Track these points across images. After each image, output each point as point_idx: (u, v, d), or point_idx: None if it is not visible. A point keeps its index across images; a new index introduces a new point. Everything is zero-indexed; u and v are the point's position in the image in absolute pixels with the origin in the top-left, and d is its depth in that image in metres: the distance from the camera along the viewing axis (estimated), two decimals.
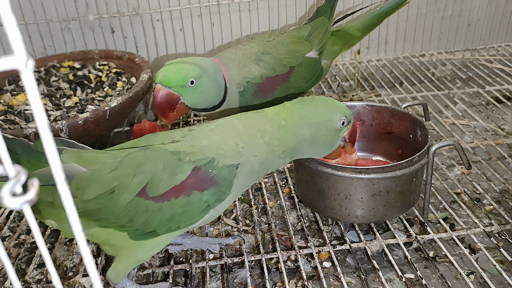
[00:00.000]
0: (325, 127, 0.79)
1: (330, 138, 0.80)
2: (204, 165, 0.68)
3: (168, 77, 0.96)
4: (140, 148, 0.71)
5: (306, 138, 0.77)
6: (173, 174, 0.67)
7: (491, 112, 1.36)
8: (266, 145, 0.74)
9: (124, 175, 0.67)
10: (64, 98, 1.27)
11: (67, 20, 1.47)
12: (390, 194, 0.86)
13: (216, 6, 1.51)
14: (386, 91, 1.50)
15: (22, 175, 0.32)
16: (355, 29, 1.27)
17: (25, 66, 0.29)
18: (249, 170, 0.73)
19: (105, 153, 0.72)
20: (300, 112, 0.79)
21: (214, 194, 0.69)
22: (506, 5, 1.66)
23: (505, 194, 1.02)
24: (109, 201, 0.67)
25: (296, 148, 0.78)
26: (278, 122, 0.77)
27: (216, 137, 0.73)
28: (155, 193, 0.67)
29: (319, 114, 0.79)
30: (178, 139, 0.73)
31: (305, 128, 0.77)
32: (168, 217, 0.68)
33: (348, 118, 0.82)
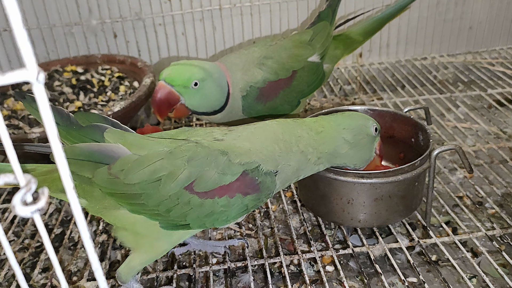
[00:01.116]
0: (362, 131, 0.83)
1: (368, 143, 0.84)
2: (252, 170, 0.70)
3: (172, 76, 0.96)
4: (187, 141, 0.71)
5: (347, 140, 0.81)
6: (223, 174, 0.69)
7: (493, 115, 1.36)
8: (300, 152, 0.76)
9: (175, 166, 0.67)
10: (67, 103, 1.27)
11: (70, 25, 1.47)
12: (392, 198, 0.86)
13: (218, 10, 1.52)
14: (388, 94, 1.51)
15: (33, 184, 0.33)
16: (357, 33, 1.28)
17: (36, 79, 0.30)
18: (284, 177, 0.76)
19: (152, 140, 0.71)
20: (337, 119, 0.83)
21: (254, 200, 0.71)
22: (508, 7, 1.66)
23: (507, 198, 1.02)
24: (153, 188, 0.67)
25: (335, 152, 0.80)
26: (316, 129, 0.80)
27: (257, 140, 0.75)
28: (202, 189, 0.68)
29: (355, 120, 0.84)
30: (221, 138, 0.74)
31: (344, 132, 0.81)
32: (207, 213, 0.69)
33: (378, 127, 0.86)
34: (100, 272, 0.36)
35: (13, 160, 0.32)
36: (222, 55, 1.59)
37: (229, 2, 1.51)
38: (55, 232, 1.02)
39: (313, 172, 0.82)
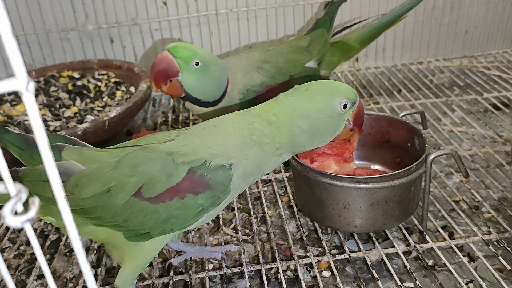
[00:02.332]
0: (324, 115, 0.74)
1: (332, 124, 0.75)
2: (198, 167, 0.68)
3: (177, 47, 0.97)
4: (139, 147, 0.71)
5: (304, 129, 0.73)
6: (169, 176, 0.67)
7: (489, 119, 1.36)
8: (256, 145, 0.72)
9: (122, 175, 0.67)
10: (63, 108, 1.27)
11: (66, 30, 1.47)
12: (388, 203, 0.86)
13: (214, 15, 1.52)
14: (385, 98, 1.51)
15: (23, 193, 0.33)
16: (354, 41, 1.29)
17: (26, 89, 0.30)
18: (243, 173, 0.72)
19: (105, 152, 0.72)
20: (292, 104, 0.74)
21: (208, 198, 0.69)
22: (503, 12, 1.67)
23: (503, 202, 1.02)
24: (106, 200, 0.68)
25: (294, 142, 0.74)
26: (268, 119, 0.74)
27: (207, 136, 0.73)
28: (151, 194, 0.67)
29: (316, 102, 0.74)
30: (173, 138, 0.73)
31: (300, 119, 0.73)
32: (163, 219, 0.68)
33: (351, 100, 0.76)
34: (92, 282, 0.36)
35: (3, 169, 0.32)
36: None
37: (225, 7, 1.52)
38: (51, 238, 1.02)
39: (278, 164, 0.77)
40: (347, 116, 0.77)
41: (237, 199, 1.13)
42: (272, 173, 1.17)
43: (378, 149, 1.08)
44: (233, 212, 1.08)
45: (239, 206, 1.10)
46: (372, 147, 1.08)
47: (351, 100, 0.76)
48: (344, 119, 0.77)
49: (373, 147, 1.08)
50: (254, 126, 0.73)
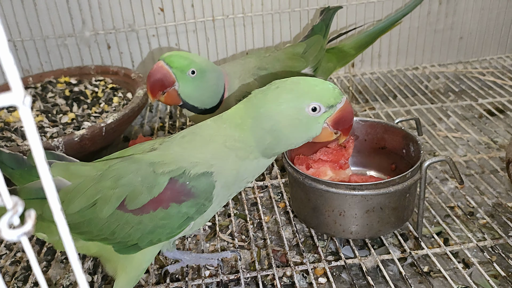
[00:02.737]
0: (289, 116, 0.69)
1: (300, 126, 0.70)
2: (179, 175, 0.68)
3: (172, 57, 0.97)
4: (121, 159, 0.72)
5: (267, 131, 0.69)
6: (150, 187, 0.67)
7: (484, 124, 1.37)
8: (231, 151, 0.70)
9: (106, 188, 0.68)
10: (60, 114, 1.27)
11: (63, 36, 1.48)
12: (384, 210, 0.87)
13: (211, 21, 1.53)
14: (380, 104, 1.52)
15: (20, 206, 0.33)
16: (349, 47, 1.30)
17: (22, 103, 0.30)
18: (225, 182, 0.71)
19: (89, 166, 0.73)
20: (258, 103, 0.70)
21: (192, 206, 0.69)
22: (497, 18, 1.68)
23: (498, 208, 1.03)
24: (91, 214, 0.68)
25: (260, 144, 0.70)
26: (234, 122, 0.71)
27: (187, 144, 0.72)
28: (134, 206, 0.67)
29: (280, 101, 0.69)
30: (157, 147, 0.73)
31: (263, 120, 0.69)
32: (149, 229, 0.69)
33: (326, 103, 0.70)
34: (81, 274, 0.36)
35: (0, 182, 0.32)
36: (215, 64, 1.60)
37: (222, 13, 1.52)
38: (47, 245, 1.02)
39: (260, 170, 0.74)
40: (323, 119, 0.71)
41: (233, 205, 1.13)
42: (269, 179, 1.18)
43: (374, 156, 1.08)
44: (229, 218, 1.08)
45: (236, 212, 1.10)
46: (367, 153, 1.09)
47: (325, 103, 0.70)
48: (319, 122, 0.71)
49: (368, 153, 1.09)
50: (226, 132, 0.71)
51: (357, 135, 1.08)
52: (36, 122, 1.22)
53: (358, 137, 1.08)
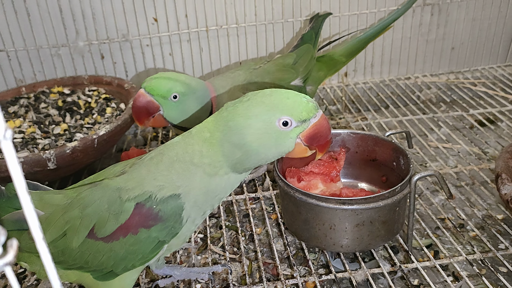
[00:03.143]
0: (257, 130, 0.66)
1: (270, 141, 0.67)
2: (146, 200, 0.67)
3: (153, 85, 0.98)
4: (89, 186, 0.71)
5: (236, 145, 0.67)
6: (117, 213, 0.66)
7: (475, 135, 1.38)
8: (199, 168, 0.68)
9: (73, 218, 0.68)
10: (53, 125, 1.27)
11: (57, 46, 1.48)
12: (374, 223, 0.87)
13: (204, 31, 1.54)
14: (373, 115, 1.53)
15: (2, 236, 0.33)
16: (339, 54, 1.30)
17: (3, 137, 0.31)
18: (194, 202, 0.69)
19: (61, 194, 0.73)
20: (228, 116, 0.68)
21: (162, 229, 0.67)
22: (489, 28, 1.70)
23: (487, 220, 1.04)
24: (63, 244, 0.68)
25: (229, 159, 0.68)
26: (203, 136, 0.69)
27: (153, 166, 0.70)
28: (103, 233, 0.67)
29: (249, 115, 0.67)
30: (126, 170, 0.72)
31: (232, 134, 0.67)
32: (121, 256, 0.68)
33: (297, 117, 0.67)
34: None
35: None
36: (208, 76, 1.61)
37: (215, 24, 1.53)
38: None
39: (233, 186, 0.72)
40: (295, 134, 0.68)
41: (225, 217, 1.13)
42: (261, 190, 1.18)
43: (365, 167, 1.09)
44: (221, 230, 1.08)
45: (227, 224, 1.10)
46: (358, 165, 1.10)
47: (297, 117, 0.67)
48: (291, 137, 0.68)
49: (359, 165, 1.09)
50: (193, 148, 0.69)
51: (348, 147, 1.08)
52: (28, 133, 1.22)
53: (349, 149, 1.09)
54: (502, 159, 0.97)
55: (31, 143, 1.17)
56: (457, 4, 1.63)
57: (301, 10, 1.55)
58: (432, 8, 1.62)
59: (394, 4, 1.59)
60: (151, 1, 1.47)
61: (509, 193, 0.86)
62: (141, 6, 1.47)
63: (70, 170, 1.18)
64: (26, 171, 1.06)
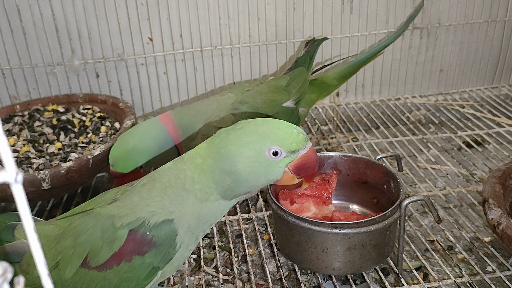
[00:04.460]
0: (248, 158, 0.68)
1: (259, 170, 0.69)
2: (139, 227, 0.67)
3: (119, 168, 1.05)
4: (81, 215, 0.72)
5: (226, 172, 0.68)
6: (110, 241, 0.67)
7: (463, 157, 1.42)
8: (191, 194, 0.70)
9: (66, 248, 0.68)
10: (47, 144, 1.28)
11: (52, 65, 1.49)
12: (365, 247, 0.89)
13: (199, 51, 1.56)
14: (364, 135, 1.56)
15: (9, 273, 0.34)
16: (332, 78, 1.33)
17: (15, 180, 0.32)
18: (187, 228, 0.71)
19: (52, 225, 0.73)
20: (220, 143, 0.70)
21: (156, 255, 0.68)
22: (476, 51, 1.75)
23: (475, 243, 1.06)
24: (56, 275, 0.68)
25: (220, 186, 0.69)
26: (195, 162, 0.70)
27: (146, 193, 0.71)
28: (97, 262, 0.67)
29: (240, 143, 0.69)
30: (118, 197, 0.73)
31: (223, 161, 0.68)
32: (115, 284, 0.68)
33: (287, 148, 0.69)
34: None
35: None
36: (203, 97, 1.63)
37: (210, 44, 1.56)
38: None
39: (223, 211, 0.73)
40: (284, 163, 0.71)
41: (218, 237, 1.14)
42: (254, 211, 1.19)
43: (356, 189, 1.11)
44: (214, 251, 1.09)
45: (221, 245, 1.11)
46: (350, 187, 1.12)
47: (287, 148, 0.69)
48: (279, 166, 0.70)
49: (351, 187, 1.12)
50: (186, 174, 0.70)
51: (340, 170, 1.11)
52: (23, 152, 1.22)
53: (341, 172, 1.11)
54: (489, 184, 0.99)
55: (25, 163, 1.18)
56: (445, 28, 1.67)
57: (294, 32, 1.59)
58: (421, 32, 1.67)
59: (385, 28, 1.63)
60: (146, 21, 1.50)
61: (496, 218, 0.89)
62: (136, 26, 1.50)
63: (64, 190, 1.19)
64: None
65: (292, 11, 1.56)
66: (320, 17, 1.58)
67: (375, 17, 1.61)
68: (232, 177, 0.69)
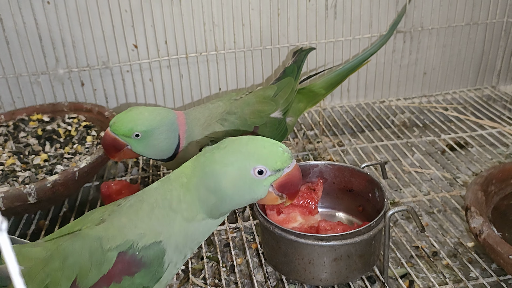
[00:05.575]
0: (233, 178, 0.68)
1: (244, 188, 0.70)
2: (128, 248, 0.68)
3: (116, 125, 1.02)
4: (69, 237, 0.72)
5: (211, 190, 0.69)
6: (99, 263, 0.67)
7: (446, 161, 1.44)
8: (178, 214, 0.70)
9: (54, 270, 0.68)
10: (32, 155, 1.27)
11: (37, 74, 1.48)
12: (351, 258, 0.91)
13: (184, 58, 1.56)
14: (349, 140, 1.57)
15: None
16: (319, 87, 1.34)
17: None
18: (175, 247, 0.71)
19: (39, 247, 0.73)
20: (205, 162, 0.70)
21: (146, 275, 0.69)
22: (459, 54, 1.77)
23: (459, 248, 1.09)
24: None
25: (205, 204, 0.70)
26: (180, 181, 0.71)
27: (133, 214, 0.71)
28: (86, 285, 0.67)
29: (225, 162, 0.69)
30: (105, 218, 0.73)
31: (208, 180, 0.69)
32: None
33: (272, 167, 0.69)
34: None
35: None
36: (188, 101, 1.63)
37: (195, 51, 1.56)
38: None
39: (209, 230, 0.74)
40: (268, 182, 0.71)
41: (206, 247, 1.15)
42: (241, 220, 1.20)
43: (342, 197, 1.13)
44: (202, 261, 1.10)
45: (209, 255, 1.12)
46: (336, 195, 1.13)
47: (271, 167, 0.69)
48: (264, 185, 0.71)
49: (337, 195, 1.13)
50: (172, 194, 0.70)
51: (326, 178, 1.12)
52: (8, 165, 1.21)
53: (326, 180, 1.12)
54: (471, 191, 1.02)
55: (11, 176, 1.17)
56: (428, 31, 1.69)
57: (279, 37, 1.59)
58: (404, 36, 1.69)
59: (368, 32, 1.65)
60: (131, 28, 1.49)
61: (478, 226, 0.91)
62: (121, 33, 1.49)
63: (51, 203, 1.18)
64: (6, 206, 1.06)
65: (277, 17, 1.56)
66: (304, 22, 1.59)
67: (358, 21, 1.63)
68: (217, 196, 0.70)
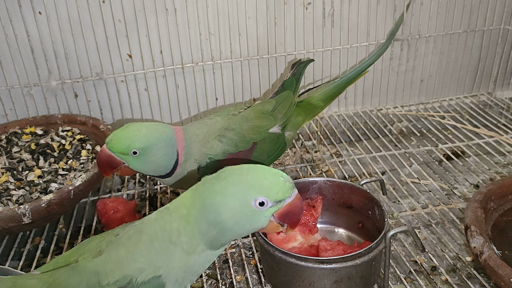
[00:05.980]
0: (233, 209, 0.67)
1: (245, 219, 0.69)
2: (127, 284, 0.67)
3: (112, 143, 1.00)
4: (65, 269, 0.70)
5: (211, 223, 0.68)
6: None
7: (444, 172, 1.44)
8: (177, 247, 0.69)
9: None
10: (26, 171, 1.25)
11: (29, 86, 1.45)
12: (351, 279, 0.90)
13: (180, 68, 1.54)
14: (347, 150, 1.56)
15: None
16: (317, 99, 1.33)
17: None
18: (175, 281, 0.70)
19: (35, 279, 0.71)
20: (205, 193, 0.69)
21: None
22: (456, 61, 1.77)
23: (457, 263, 1.08)
24: None
25: (206, 237, 0.69)
26: (180, 213, 0.69)
27: (132, 246, 0.70)
28: None
29: (225, 194, 0.68)
30: (103, 249, 0.71)
31: (207, 211, 0.67)
32: None
33: (273, 198, 0.69)
34: None
35: None
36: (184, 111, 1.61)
37: (191, 61, 1.54)
38: None
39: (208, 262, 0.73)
40: (270, 213, 0.70)
41: None
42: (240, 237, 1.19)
43: (342, 213, 1.12)
44: (201, 279, 1.09)
45: (208, 273, 1.11)
46: (335, 211, 1.13)
47: (273, 198, 0.69)
48: (265, 215, 0.70)
49: (336, 211, 1.13)
50: (172, 226, 0.69)
51: (325, 194, 1.11)
52: (1, 182, 1.19)
53: (326, 196, 1.11)
54: (470, 209, 1.01)
55: (4, 195, 1.15)
56: (425, 39, 1.69)
57: (276, 46, 1.58)
58: (402, 43, 1.68)
59: (366, 40, 1.64)
60: (125, 38, 1.47)
61: (478, 247, 0.91)
62: (115, 43, 1.47)
63: (46, 221, 1.17)
64: (0, 227, 1.04)
65: (274, 26, 1.55)
66: (301, 31, 1.57)
67: (356, 29, 1.61)
68: (217, 228, 0.68)
